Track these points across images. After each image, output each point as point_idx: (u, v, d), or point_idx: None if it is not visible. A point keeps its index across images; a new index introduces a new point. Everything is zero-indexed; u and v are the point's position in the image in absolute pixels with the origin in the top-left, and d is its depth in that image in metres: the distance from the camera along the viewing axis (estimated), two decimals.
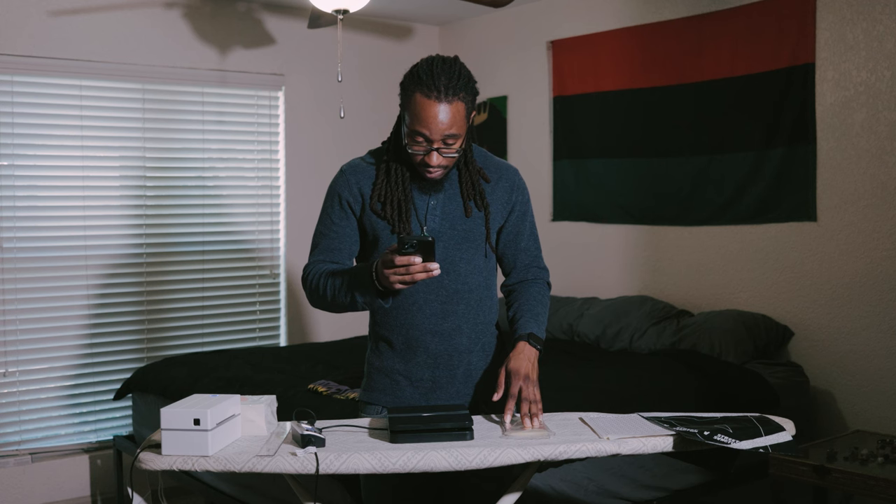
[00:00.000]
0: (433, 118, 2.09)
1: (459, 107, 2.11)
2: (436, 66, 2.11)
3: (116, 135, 4.67)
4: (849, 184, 3.85)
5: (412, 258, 1.98)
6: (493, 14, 5.39)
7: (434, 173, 2.19)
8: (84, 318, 4.61)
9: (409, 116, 2.13)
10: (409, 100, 2.12)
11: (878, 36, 3.75)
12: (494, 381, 2.27)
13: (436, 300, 2.27)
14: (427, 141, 2.12)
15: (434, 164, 2.15)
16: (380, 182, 2.24)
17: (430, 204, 2.26)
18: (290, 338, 5.24)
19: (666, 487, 3.42)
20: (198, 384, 3.86)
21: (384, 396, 2.33)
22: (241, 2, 4.98)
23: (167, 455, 1.94)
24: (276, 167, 5.20)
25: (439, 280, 2.22)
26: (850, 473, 2.95)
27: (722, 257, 4.31)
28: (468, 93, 2.14)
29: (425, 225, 2.25)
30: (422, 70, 2.13)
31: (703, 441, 2.02)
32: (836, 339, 3.91)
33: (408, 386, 2.31)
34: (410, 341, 2.29)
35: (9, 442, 4.40)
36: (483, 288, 2.32)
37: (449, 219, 2.26)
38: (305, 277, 2.28)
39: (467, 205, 2.26)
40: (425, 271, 1.99)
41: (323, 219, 2.32)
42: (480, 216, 2.29)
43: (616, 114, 4.72)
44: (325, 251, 2.29)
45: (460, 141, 2.15)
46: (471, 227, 2.28)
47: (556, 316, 4.59)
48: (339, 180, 2.30)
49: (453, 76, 2.10)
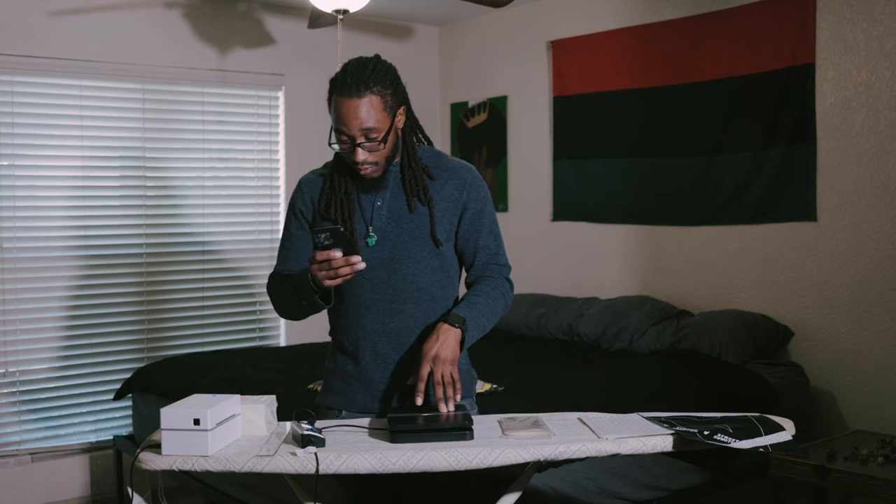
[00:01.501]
0: (347, 114, 2.15)
1: (374, 100, 2.16)
2: (349, 66, 2.19)
3: (116, 135, 4.67)
4: (849, 184, 3.85)
5: (331, 252, 2.04)
6: (493, 14, 5.39)
7: (366, 170, 2.22)
8: (84, 318, 4.60)
9: (332, 119, 2.21)
10: (330, 102, 2.21)
11: (878, 36, 3.75)
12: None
13: (383, 299, 2.26)
14: (349, 138, 2.18)
15: (360, 160, 2.19)
16: (326, 188, 2.32)
17: (375, 204, 2.28)
18: (290, 338, 5.24)
19: (666, 487, 3.42)
20: (198, 384, 3.86)
21: (338, 399, 2.32)
22: (241, 2, 4.98)
23: (167, 455, 1.94)
24: (276, 167, 5.20)
25: (387, 279, 2.24)
26: (850, 473, 2.95)
27: (722, 257, 4.31)
28: (384, 86, 2.18)
29: (371, 225, 2.27)
30: (338, 73, 2.21)
31: (703, 441, 2.02)
32: (836, 339, 3.91)
33: (360, 389, 2.29)
34: (359, 342, 2.29)
35: (9, 442, 4.40)
36: (436, 287, 2.30)
37: (395, 217, 2.27)
38: (267, 289, 2.39)
39: (411, 201, 2.27)
40: (348, 265, 2.04)
41: (283, 232, 2.42)
42: (426, 213, 2.28)
43: (616, 114, 4.72)
44: (285, 261, 2.38)
45: (381, 134, 2.18)
46: (417, 224, 2.27)
47: (556, 316, 4.59)
48: (295, 193, 2.40)
49: (364, 72, 2.16)
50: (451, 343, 2.16)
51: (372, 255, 2.25)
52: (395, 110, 2.21)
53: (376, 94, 2.16)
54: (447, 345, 2.15)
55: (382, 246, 2.26)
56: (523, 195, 5.26)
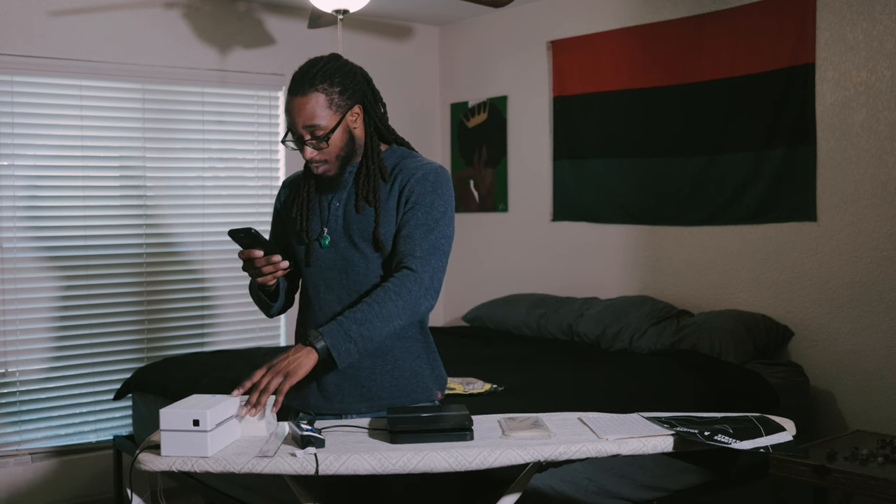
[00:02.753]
0: (291, 112, 2.19)
1: (318, 98, 2.16)
2: (302, 66, 2.21)
3: (116, 135, 4.67)
4: (849, 184, 3.85)
5: (252, 252, 2.11)
6: (493, 14, 5.39)
7: (317, 168, 2.24)
8: (84, 318, 4.61)
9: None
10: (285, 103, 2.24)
11: (878, 36, 3.75)
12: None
13: (335, 300, 2.26)
14: (297, 136, 2.20)
15: (307, 157, 2.21)
16: (294, 187, 2.38)
17: (333, 205, 2.29)
18: (290, 338, 5.24)
19: (666, 487, 3.42)
20: (198, 384, 3.86)
21: (294, 400, 2.32)
22: (241, 2, 4.98)
23: (166, 456, 1.94)
24: (276, 167, 5.20)
25: (339, 279, 2.25)
26: (850, 473, 2.95)
27: (722, 257, 4.31)
28: (331, 84, 2.17)
29: (327, 226, 2.28)
30: (293, 76, 2.22)
31: (703, 441, 2.02)
32: (836, 339, 3.91)
33: (315, 389, 2.28)
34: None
35: (9, 442, 4.40)
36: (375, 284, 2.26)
37: (347, 218, 2.27)
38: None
39: (359, 201, 2.25)
40: (269, 264, 2.12)
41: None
42: (371, 211, 2.24)
43: (616, 114, 4.72)
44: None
45: (325, 132, 2.17)
46: (365, 225, 2.25)
47: (556, 316, 4.59)
48: (278, 193, 2.46)
49: (310, 70, 2.18)
50: (301, 360, 2.07)
51: (325, 255, 2.27)
52: (344, 109, 2.19)
53: (321, 91, 2.16)
54: (293, 360, 2.06)
55: (336, 247, 2.27)
56: (523, 195, 5.26)
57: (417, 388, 2.30)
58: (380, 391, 2.26)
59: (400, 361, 2.27)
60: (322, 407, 2.28)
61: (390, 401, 2.26)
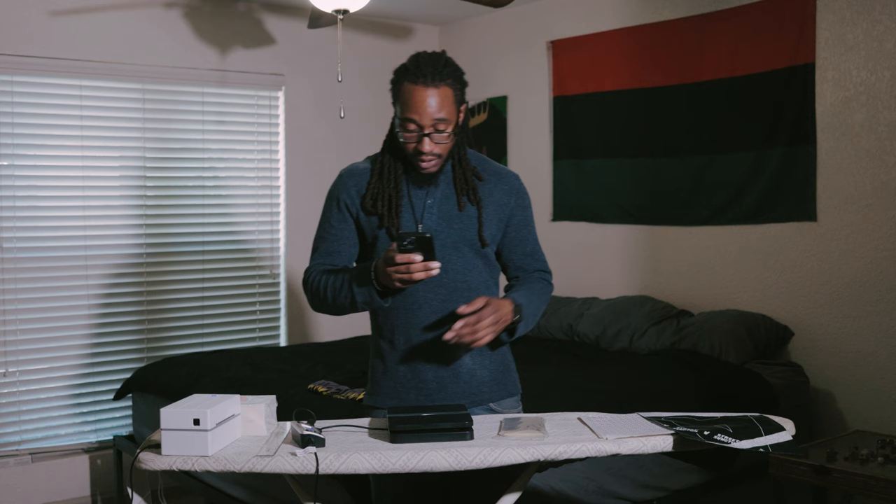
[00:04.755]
0: (421, 102, 2.15)
1: (447, 92, 2.17)
2: (421, 57, 2.20)
3: (116, 135, 4.67)
4: (849, 184, 3.85)
5: (412, 256, 2.02)
6: (493, 14, 5.39)
7: (428, 162, 2.21)
8: (84, 318, 4.60)
9: (399, 107, 2.20)
10: (399, 90, 2.20)
11: (878, 36, 3.75)
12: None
13: (435, 298, 2.27)
14: (418, 127, 2.17)
15: (426, 151, 2.18)
16: (373, 180, 2.29)
17: (426, 202, 2.27)
18: (290, 338, 5.24)
19: (666, 487, 3.42)
20: (198, 384, 3.86)
21: (389, 400, 2.32)
22: (241, 2, 4.98)
23: (167, 455, 1.94)
24: (276, 167, 5.20)
25: (438, 278, 2.21)
26: (850, 473, 2.94)
27: (722, 257, 4.31)
28: (455, 80, 2.20)
29: (421, 223, 2.27)
30: (409, 62, 2.21)
31: (703, 441, 2.02)
32: (836, 339, 3.91)
33: (413, 388, 2.30)
34: (412, 341, 2.29)
35: (9, 442, 4.40)
36: (483, 287, 2.32)
37: (445, 217, 2.28)
38: (306, 281, 2.33)
39: (461, 199, 2.27)
40: (425, 270, 2.03)
41: (322, 223, 2.37)
42: (474, 213, 2.29)
43: (616, 114, 4.72)
44: (325, 254, 2.33)
45: (450, 127, 2.19)
46: (466, 224, 2.29)
47: (555, 316, 4.59)
48: (337, 184, 2.36)
49: (438, 64, 2.18)
50: (504, 315, 2.16)
51: None
52: (460, 106, 2.23)
53: (449, 86, 2.17)
54: (501, 319, 2.15)
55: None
56: None
57: (509, 380, 2.38)
58: (480, 385, 2.31)
59: (495, 355, 2.34)
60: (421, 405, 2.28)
61: (489, 395, 2.31)
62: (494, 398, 2.34)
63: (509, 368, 2.39)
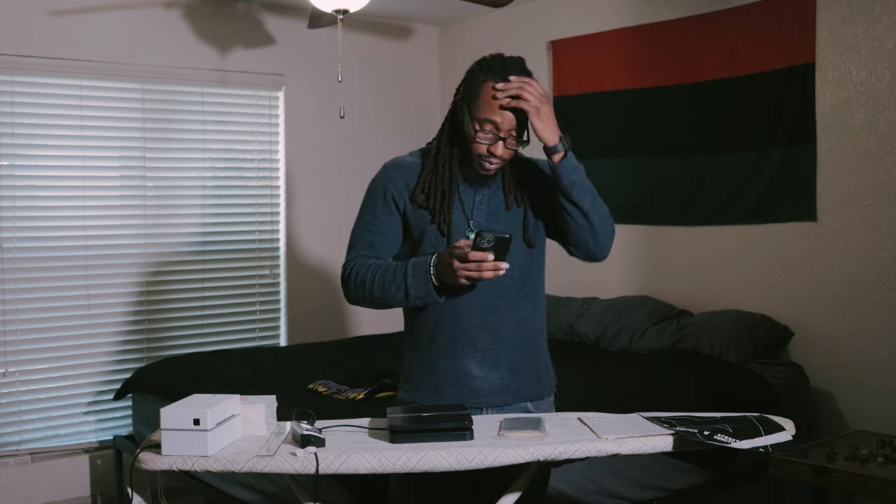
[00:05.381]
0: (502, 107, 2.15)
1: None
2: (507, 60, 2.19)
3: (116, 135, 4.67)
4: (849, 184, 3.85)
5: (486, 254, 2.01)
6: (493, 14, 5.39)
7: (493, 164, 2.21)
8: (84, 318, 4.60)
9: (478, 105, 2.17)
10: (481, 88, 2.17)
11: (878, 36, 3.75)
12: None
13: (483, 294, 2.24)
14: (496, 129, 2.16)
15: (498, 154, 2.18)
16: (426, 172, 2.26)
17: (475, 199, 2.27)
18: (290, 338, 5.24)
19: (666, 487, 3.42)
20: (198, 384, 3.86)
21: (430, 396, 2.28)
22: (241, 2, 4.98)
23: (167, 455, 1.94)
24: (276, 167, 5.20)
25: None
26: (850, 473, 2.94)
27: (722, 257, 4.31)
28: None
29: (472, 219, 2.26)
30: (494, 62, 2.19)
31: (703, 441, 2.02)
32: (836, 339, 3.91)
33: (456, 384, 2.27)
34: (457, 337, 2.26)
35: (9, 442, 4.40)
36: (529, 284, 2.31)
37: (494, 214, 2.28)
38: (348, 273, 2.26)
39: (508, 199, 2.28)
40: (495, 269, 2.03)
41: (364, 215, 2.31)
42: (521, 214, 2.31)
43: (616, 114, 4.72)
44: (367, 247, 2.28)
45: (525, 135, 2.22)
46: (513, 221, 2.29)
47: (556, 316, 4.59)
48: (381, 176, 2.31)
49: (524, 71, 2.20)
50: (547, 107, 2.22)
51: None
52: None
53: None
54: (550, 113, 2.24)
55: None
56: None
57: (549, 379, 2.37)
58: (525, 382, 2.30)
59: (538, 354, 2.34)
60: (466, 401, 2.26)
61: (532, 393, 2.31)
62: (533, 397, 2.33)
63: (548, 367, 2.39)
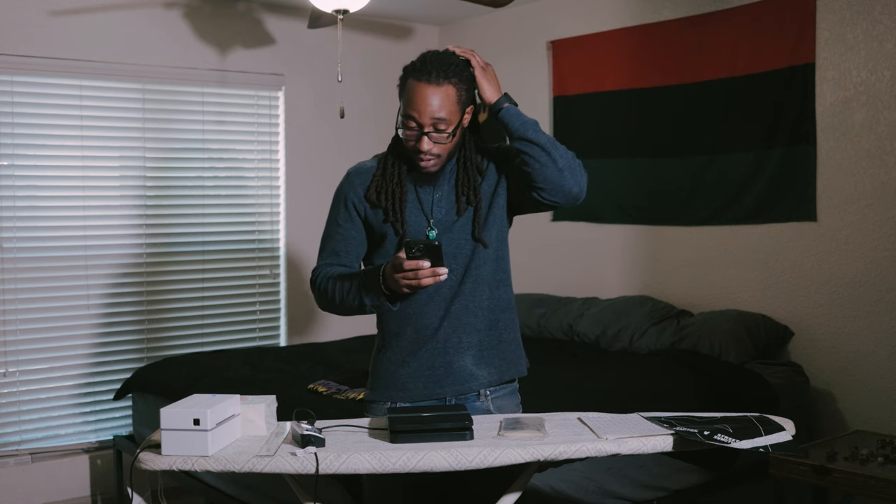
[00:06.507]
0: (423, 100, 2.15)
1: (449, 91, 2.17)
2: (428, 55, 2.21)
3: (116, 135, 4.67)
4: (849, 184, 3.85)
5: (420, 262, 2.02)
6: (493, 14, 5.39)
7: (427, 161, 2.21)
8: (84, 318, 4.60)
9: (403, 103, 2.20)
10: (404, 86, 2.21)
11: (878, 36, 3.75)
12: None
13: (448, 289, 2.26)
14: (417, 125, 2.17)
15: (424, 150, 2.18)
16: (377, 175, 2.29)
17: (434, 197, 2.28)
18: (290, 338, 5.24)
19: (666, 487, 3.42)
20: (198, 384, 3.86)
21: (394, 392, 2.30)
22: (241, 2, 4.98)
23: (167, 455, 1.94)
24: (276, 167, 5.20)
25: (450, 269, 2.21)
26: (850, 473, 2.94)
27: (722, 257, 4.31)
28: (460, 80, 2.20)
29: (432, 217, 2.27)
30: (416, 59, 2.22)
31: (703, 441, 2.02)
32: (836, 339, 3.91)
33: (420, 377, 2.28)
34: (420, 332, 2.28)
35: (9, 442, 4.40)
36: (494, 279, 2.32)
37: (453, 210, 2.28)
38: (314, 280, 2.31)
39: (459, 200, 2.28)
40: (433, 276, 2.03)
41: (329, 222, 2.36)
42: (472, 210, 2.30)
43: (616, 114, 4.72)
44: (333, 254, 2.32)
45: (450, 127, 2.18)
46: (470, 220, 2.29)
47: (555, 316, 4.59)
48: (344, 183, 2.35)
49: (444, 63, 2.18)
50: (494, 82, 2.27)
51: None
52: (464, 108, 2.23)
53: (453, 85, 2.18)
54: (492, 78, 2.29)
55: (441, 237, 2.26)
56: None
57: (519, 359, 2.39)
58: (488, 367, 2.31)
59: (504, 334, 2.35)
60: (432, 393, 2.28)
61: (499, 375, 2.32)
62: (505, 377, 2.34)
63: (518, 346, 2.39)
